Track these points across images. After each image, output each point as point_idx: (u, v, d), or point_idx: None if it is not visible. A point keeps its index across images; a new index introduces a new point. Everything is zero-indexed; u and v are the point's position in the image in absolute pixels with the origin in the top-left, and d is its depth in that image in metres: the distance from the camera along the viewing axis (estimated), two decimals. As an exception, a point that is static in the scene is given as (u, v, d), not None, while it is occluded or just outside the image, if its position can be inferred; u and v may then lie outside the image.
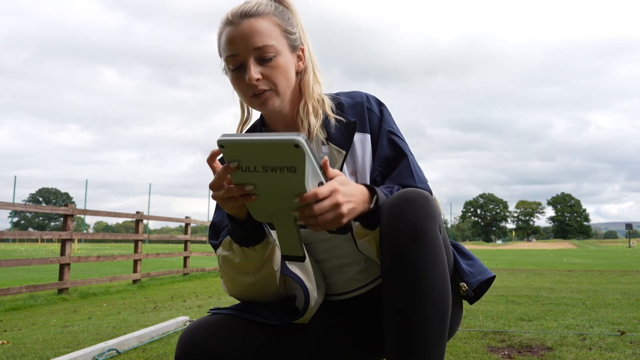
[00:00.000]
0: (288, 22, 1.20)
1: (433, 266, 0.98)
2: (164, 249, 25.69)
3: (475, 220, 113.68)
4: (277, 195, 0.93)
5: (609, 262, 14.91)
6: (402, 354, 0.97)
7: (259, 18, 1.16)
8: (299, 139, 0.85)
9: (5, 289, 6.28)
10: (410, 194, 1.02)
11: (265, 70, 1.15)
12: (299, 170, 0.88)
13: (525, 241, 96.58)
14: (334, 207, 0.94)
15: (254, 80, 1.13)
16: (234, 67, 1.17)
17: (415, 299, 0.97)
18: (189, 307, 5.13)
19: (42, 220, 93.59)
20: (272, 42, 1.15)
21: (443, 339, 1.00)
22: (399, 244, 0.98)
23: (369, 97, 1.29)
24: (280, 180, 0.90)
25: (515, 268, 11.26)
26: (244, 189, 0.93)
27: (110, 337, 3.22)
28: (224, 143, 0.89)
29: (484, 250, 33.20)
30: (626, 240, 66.60)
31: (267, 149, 0.87)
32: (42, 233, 7.75)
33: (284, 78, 1.18)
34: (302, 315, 1.19)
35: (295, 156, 0.86)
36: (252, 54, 1.14)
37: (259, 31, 1.14)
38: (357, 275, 1.27)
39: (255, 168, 0.90)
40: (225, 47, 1.16)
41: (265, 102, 1.17)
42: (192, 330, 1.13)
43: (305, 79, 1.24)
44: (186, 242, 11.48)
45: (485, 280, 1.17)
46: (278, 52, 1.16)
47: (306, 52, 1.25)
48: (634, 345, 2.61)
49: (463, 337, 2.91)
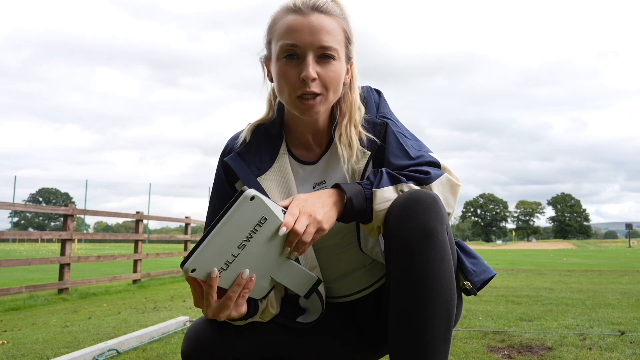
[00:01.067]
0: (351, 31, 1.15)
1: (441, 267, 0.97)
2: (164, 249, 25.68)
3: (475, 220, 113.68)
4: (263, 254, 0.93)
5: (609, 262, 14.91)
6: (407, 353, 0.97)
7: (329, 16, 1.09)
8: (249, 191, 0.85)
9: (5, 289, 6.27)
10: (418, 194, 1.01)
11: (323, 72, 1.08)
12: (268, 214, 0.88)
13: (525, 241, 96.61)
14: (309, 218, 0.95)
15: (310, 78, 1.06)
16: (289, 57, 1.08)
17: (424, 299, 0.96)
18: (189, 307, 5.13)
19: (42, 220, 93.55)
20: (337, 45, 1.09)
21: (448, 339, 1.00)
22: (408, 244, 0.97)
23: (370, 88, 1.27)
24: (259, 238, 0.90)
25: (515, 268, 11.25)
26: (241, 279, 0.93)
27: (110, 337, 3.22)
28: (191, 266, 0.87)
29: (484, 250, 33.19)
30: (626, 240, 66.60)
31: (231, 228, 0.86)
32: (42, 233, 7.74)
33: (336, 85, 1.11)
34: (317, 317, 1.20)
35: (257, 207, 0.86)
36: (315, 50, 1.07)
37: (328, 29, 1.08)
38: (361, 278, 1.26)
39: (233, 254, 0.89)
40: (285, 33, 1.07)
41: (311, 107, 1.09)
42: (198, 325, 1.14)
43: (349, 94, 1.18)
44: (186, 242, 11.47)
45: (487, 279, 1.18)
46: (338, 58, 1.10)
47: (354, 66, 1.19)
48: (634, 345, 2.60)
49: (463, 337, 2.90)
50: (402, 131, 1.20)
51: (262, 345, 1.16)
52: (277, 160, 1.19)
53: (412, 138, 1.21)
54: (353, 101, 1.18)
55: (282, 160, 1.20)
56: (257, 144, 1.21)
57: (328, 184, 1.19)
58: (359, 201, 1.03)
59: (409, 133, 1.22)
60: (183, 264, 0.87)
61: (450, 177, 1.12)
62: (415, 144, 1.19)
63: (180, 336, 3.22)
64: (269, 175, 1.17)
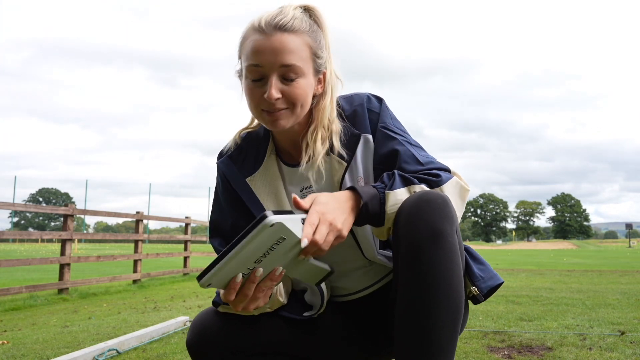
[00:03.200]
0: (319, 45, 1.15)
1: (450, 268, 0.97)
2: (164, 249, 25.69)
3: (475, 220, 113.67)
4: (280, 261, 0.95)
5: (609, 262, 14.91)
6: (413, 353, 0.97)
7: (292, 34, 1.10)
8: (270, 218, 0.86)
9: (5, 289, 6.27)
10: (429, 195, 1.01)
11: (286, 90, 1.11)
12: (287, 235, 0.89)
13: (525, 241, 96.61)
14: (329, 227, 0.95)
15: (273, 98, 1.09)
16: (253, 78, 1.12)
17: (432, 300, 0.96)
18: (189, 307, 5.13)
19: (42, 220, 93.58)
20: (300, 63, 1.11)
21: (454, 341, 0.99)
22: (417, 244, 0.97)
23: (370, 96, 1.26)
24: (278, 252, 0.92)
25: (515, 268, 11.25)
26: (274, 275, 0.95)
27: (110, 337, 3.22)
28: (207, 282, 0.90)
29: (484, 250, 33.18)
30: (626, 240, 66.62)
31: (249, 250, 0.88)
32: (42, 233, 7.75)
33: (303, 101, 1.13)
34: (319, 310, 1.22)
35: (276, 230, 0.88)
36: (278, 70, 1.09)
37: (290, 49, 1.09)
38: (362, 277, 1.27)
39: (249, 268, 0.92)
40: (250, 54, 1.11)
41: (276, 120, 1.12)
42: (203, 317, 1.15)
43: (320, 104, 1.20)
44: (186, 242, 11.48)
45: (495, 285, 1.18)
46: (303, 74, 1.12)
47: (328, 75, 1.20)
48: (634, 345, 2.61)
49: (463, 337, 2.90)
50: (408, 140, 1.21)
51: (267, 340, 1.17)
52: (265, 162, 1.25)
53: (419, 146, 1.23)
54: (323, 108, 1.19)
55: (269, 161, 1.25)
56: (247, 147, 1.28)
57: (315, 189, 1.21)
58: (374, 206, 1.04)
59: (414, 141, 1.23)
60: (200, 278, 0.90)
61: (460, 182, 1.13)
62: (423, 152, 1.21)
63: (180, 336, 3.22)
64: (257, 176, 1.24)
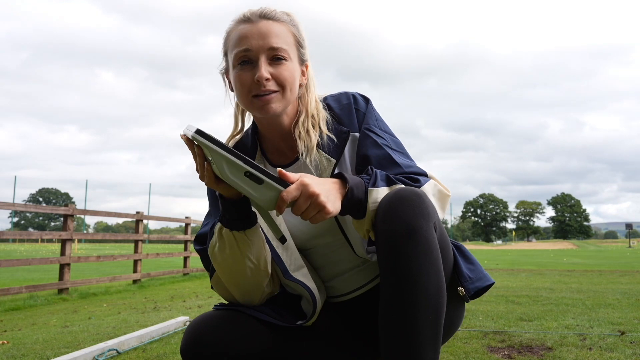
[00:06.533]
0: (301, 36, 1.22)
1: (427, 264, 0.98)
2: (164, 249, 25.69)
3: (475, 220, 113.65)
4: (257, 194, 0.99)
5: (609, 262, 14.91)
6: (395, 351, 0.98)
7: (276, 22, 1.17)
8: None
9: (5, 289, 6.27)
10: (403, 192, 1.02)
11: (276, 71, 1.14)
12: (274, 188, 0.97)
13: (525, 241, 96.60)
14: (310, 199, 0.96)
15: (264, 78, 1.12)
16: (242, 60, 1.15)
17: (409, 296, 0.97)
18: (189, 307, 5.13)
19: (42, 220, 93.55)
20: (286, 46, 1.16)
21: (437, 337, 1.00)
22: (393, 242, 0.98)
23: (356, 96, 1.27)
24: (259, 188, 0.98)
25: (515, 268, 11.25)
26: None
27: (110, 337, 3.22)
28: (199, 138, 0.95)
29: (484, 250, 33.19)
30: (626, 240, 66.61)
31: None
32: (42, 233, 7.75)
33: (292, 84, 1.17)
34: (310, 318, 1.21)
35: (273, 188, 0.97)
36: (266, 52, 1.14)
37: (276, 33, 1.15)
38: (355, 277, 1.27)
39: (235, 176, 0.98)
40: (237, 41, 1.15)
41: (267, 103, 1.14)
42: (198, 323, 1.15)
43: (306, 94, 1.24)
44: (186, 242, 11.48)
45: (483, 287, 1.17)
46: (290, 58, 1.17)
47: (310, 69, 1.26)
48: (634, 345, 2.60)
49: (463, 337, 2.90)
50: (388, 143, 1.22)
51: (261, 346, 1.16)
52: None
53: (400, 150, 1.24)
54: (309, 101, 1.23)
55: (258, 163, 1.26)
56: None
57: None
58: (359, 192, 1.05)
59: (396, 145, 1.24)
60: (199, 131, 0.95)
61: (438, 185, 1.16)
62: (403, 156, 1.22)
63: (180, 336, 3.22)
64: None
